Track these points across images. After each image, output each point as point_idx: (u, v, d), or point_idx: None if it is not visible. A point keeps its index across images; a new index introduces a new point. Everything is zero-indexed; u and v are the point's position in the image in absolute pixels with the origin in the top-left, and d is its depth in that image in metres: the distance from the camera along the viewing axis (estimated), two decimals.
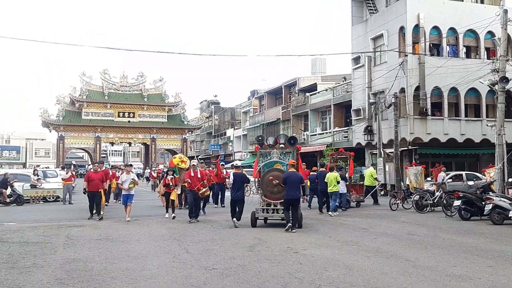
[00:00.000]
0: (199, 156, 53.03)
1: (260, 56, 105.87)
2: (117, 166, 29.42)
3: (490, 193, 14.04)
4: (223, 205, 17.57)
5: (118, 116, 55.75)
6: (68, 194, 19.52)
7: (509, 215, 12.39)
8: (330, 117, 35.45)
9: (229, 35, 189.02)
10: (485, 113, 26.67)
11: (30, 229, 11.47)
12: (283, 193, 11.46)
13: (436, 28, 26.10)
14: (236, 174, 12.75)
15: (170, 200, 14.24)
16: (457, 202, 13.69)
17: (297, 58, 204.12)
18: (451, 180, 19.01)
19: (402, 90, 25.33)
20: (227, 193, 18.60)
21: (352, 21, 31.05)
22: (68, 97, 54.44)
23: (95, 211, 13.89)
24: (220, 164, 18.63)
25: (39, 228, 11.64)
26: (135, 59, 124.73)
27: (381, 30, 27.58)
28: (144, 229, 11.51)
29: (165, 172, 16.01)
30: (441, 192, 15.90)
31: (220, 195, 18.04)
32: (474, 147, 26.53)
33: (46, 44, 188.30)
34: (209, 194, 15.36)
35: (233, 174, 13.16)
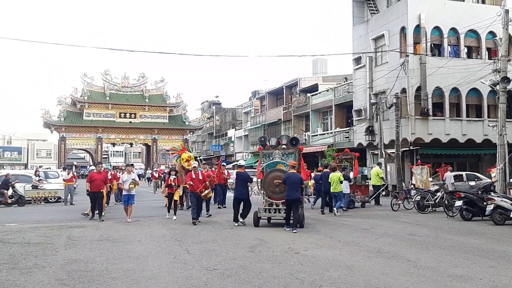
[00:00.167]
0: (200, 157, 53.03)
1: (261, 57, 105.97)
2: (118, 167, 29.43)
3: (492, 194, 14.03)
4: (224, 205, 17.57)
5: (120, 116, 55.83)
6: (69, 194, 19.56)
7: (511, 216, 12.38)
8: (331, 118, 35.44)
9: (230, 36, 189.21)
10: (487, 113, 26.63)
11: (32, 230, 11.48)
12: (285, 193, 11.55)
13: (437, 28, 26.08)
14: (239, 173, 12.89)
15: (173, 201, 14.08)
16: (459, 203, 13.68)
17: (298, 58, 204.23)
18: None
19: (403, 91, 25.30)
20: (229, 194, 18.66)
21: (353, 21, 31.03)
22: (70, 98, 54.55)
23: (96, 211, 13.83)
24: (221, 164, 18.64)
25: (41, 229, 11.65)
26: (136, 59, 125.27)
27: (382, 31, 27.56)
28: (145, 230, 11.52)
29: (166, 172, 16.01)
30: (442, 192, 15.89)
31: (222, 196, 18.03)
32: (475, 147, 26.50)
33: (46, 45, 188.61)
34: (212, 195, 15.07)
35: (236, 173, 13.27)
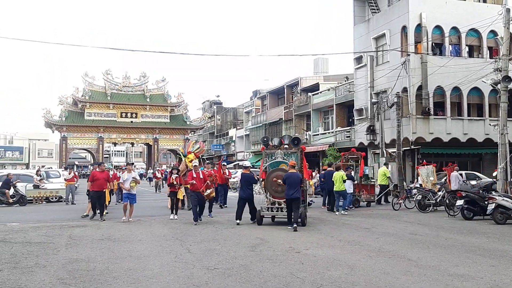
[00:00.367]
0: (203, 157, 53.01)
1: (262, 56, 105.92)
2: (120, 166, 29.41)
3: (493, 193, 14.01)
4: (225, 205, 17.56)
5: (121, 116, 55.86)
6: (70, 194, 19.57)
7: None
8: (333, 117, 35.41)
9: (231, 35, 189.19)
10: (488, 113, 26.58)
11: (33, 229, 11.50)
12: (285, 192, 11.73)
13: (438, 28, 26.05)
14: (244, 174, 13.13)
15: (175, 200, 13.96)
16: (460, 202, 13.67)
17: (299, 58, 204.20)
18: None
19: (405, 90, 25.28)
20: (230, 193, 18.74)
21: (354, 20, 31.00)
22: (71, 97, 54.59)
23: (98, 211, 13.72)
24: (222, 164, 18.64)
25: (42, 228, 11.67)
26: (137, 59, 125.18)
27: (383, 30, 27.53)
28: (146, 229, 11.52)
29: (167, 172, 15.98)
30: (443, 191, 15.88)
31: (223, 196, 18.01)
32: (477, 146, 26.46)
33: (47, 44, 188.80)
34: (215, 195, 14.95)
35: (241, 175, 13.48)
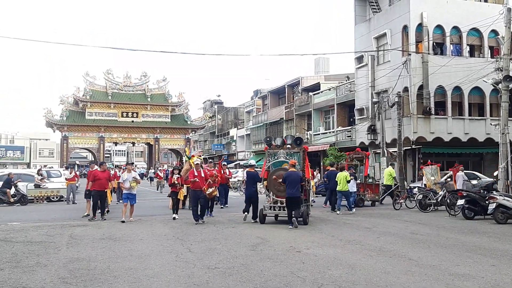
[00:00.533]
0: (204, 156, 53.05)
1: (263, 56, 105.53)
2: (121, 166, 29.39)
3: (494, 192, 14.00)
4: (226, 205, 17.54)
5: (122, 116, 55.90)
6: (71, 193, 19.59)
7: None
8: (333, 117, 35.39)
9: (231, 35, 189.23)
10: (489, 112, 26.55)
11: (34, 229, 11.51)
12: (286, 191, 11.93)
13: (439, 27, 26.03)
14: (249, 172, 13.39)
15: (177, 200, 13.85)
16: (461, 201, 13.66)
17: (300, 57, 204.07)
18: (450, 179, 18.92)
19: (406, 89, 25.27)
20: (231, 193, 18.77)
21: (355, 20, 30.98)
22: (72, 97, 54.63)
23: (99, 211, 13.63)
24: (222, 164, 18.64)
25: (43, 228, 11.68)
26: (137, 59, 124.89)
27: (384, 29, 27.52)
28: (147, 229, 11.53)
29: (169, 171, 15.94)
30: (444, 191, 15.86)
31: (224, 196, 17.98)
32: (478, 146, 26.43)
33: (47, 44, 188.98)
34: (217, 193, 14.78)
35: (246, 173, 13.75)
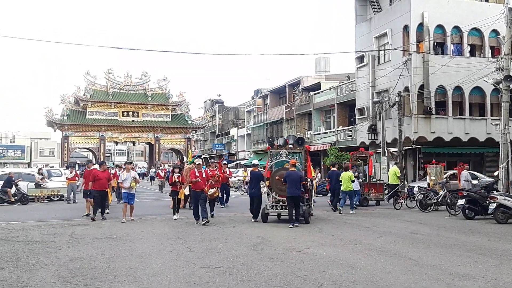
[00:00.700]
0: (204, 156, 53.03)
1: (263, 55, 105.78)
2: (121, 166, 29.37)
3: (494, 192, 13.99)
4: (227, 204, 17.55)
5: (122, 115, 55.90)
6: (72, 193, 19.59)
7: None
8: (334, 116, 35.39)
9: (232, 35, 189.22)
10: (490, 112, 26.55)
11: (34, 228, 11.53)
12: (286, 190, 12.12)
13: (440, 27, 26.02)
14: (252, 172, 13.64)
15: (177, 200, 13.73)
16: (461, 201, 13.66)
17: (301, 57, 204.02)
18: (449, 179, 18.94)
19: (406, 89, 25.27)
20: (232, 192, 18.81)
21: (356, 19, 30.97)
22: (73, 96, 54.63)
23: (99, 211, 13.60)
24: (222, 163, 18.65)
25: (43, 227, 11.70)
26: (138, 59, 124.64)
27: (385, 29, 27.52)
28: (147, 228, 11.54)
29: (170, 171, 15.89)
30: (445, 191, 15.86)
31: (225, 196, 17.96)
32: (478, 146, 26.43)
33: (47, 44, 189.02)
34: (218, 194, 14.64)
35: (250, 172, 14.04)
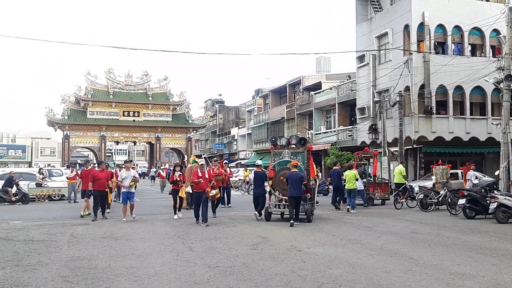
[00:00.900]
0: (205, 155, 53.01)
1: (264, 55, 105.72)
2: (122, 165, 29.33)
3: (495, 192, 13.99)
4: (229, 205, 17.48)
5: (123, 115, 55.90)
6: (73, 192, 19.62)
7: None
8: (335, 116, 35.41)
9: (232, 34, 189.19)
10: (490, 112, 26.56)
11: (35, 228, 11.54)
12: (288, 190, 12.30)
13: (441, 26, 26.02)
14: (256, 172, 13.87)
15: (178, 199, 13.57)
16: (462, 201, 13.64)
17: (302, 57, 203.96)
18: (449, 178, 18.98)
19: (407, 89, 25.27)
20: (232, 192, 18.81)
21: (357, 19, 30.98)
22: (73, 96, 54.63)
23: (100, 211, 13.53)
24: (224, 163, 18.63)
25: (44, 226, 11.71)
26: (138, 59, 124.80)
27: (385, 28, 27.52)
28: (148, 228, 11.55)
29: (171, 170, 15.85)
30: (446, 190, 15.85)
31: (226, 196, 17.92)
32: (479, 145, 26.43)
33: (47, 43, 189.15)
34: (220, 196, 14.48)
35: (253, 172, 14.28)
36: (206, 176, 12.52)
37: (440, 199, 15.75)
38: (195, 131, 64.95)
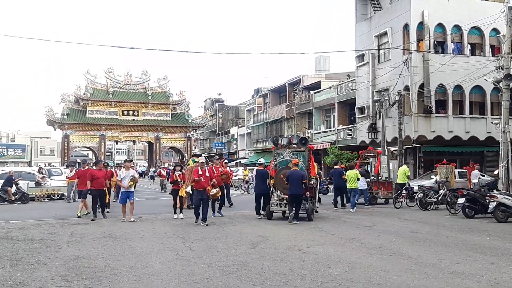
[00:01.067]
0: (204, 154, 52.98)
1: (263, 54, 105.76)
2: (122, 165, 29.32)
3: (494, 191, 14.00)
4: (230, 203, 17.46)
5: (123, 114, 55.92)
6: (72, 192, 19.59)
7: None
8: (334, 115, 35.40)
9: (232, 34, 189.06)
10: (490, 111, 26.55)
11: (35, 227, 11.54)
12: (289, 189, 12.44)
13: (440, 26, 26.00)
14: (258, 170, 13.92)
15: (178, 199, 13.37)
16: (461, 200, 13.65)
17: (301, 56, 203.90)
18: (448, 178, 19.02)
19: (406, 88, 25.26)
20: (232, 191, 18.84)
21: (356, 18, 30.95)
22: (73, 95, 54.65)
23: (99, 210, 13.53)
24: (224, 162, 18.62)
25: (44, 226, 11.70)
26: (138, 58, 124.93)
27: (385, 28, 27.50)
28: (147, 227, 11.55)
29: (170, 169, 15.82)
30: (445, 190, 15.86)
31: (226, 195, 17.89)
32: (478, 145, 26.44)
33: (46, 43, 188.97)
34: (220, 195, 14.20)
35: (256, 170, 14.35)
36: (207, 174, 12.43)
37: (440, 198, 15.76)
38: (194, 131, 64.98)
